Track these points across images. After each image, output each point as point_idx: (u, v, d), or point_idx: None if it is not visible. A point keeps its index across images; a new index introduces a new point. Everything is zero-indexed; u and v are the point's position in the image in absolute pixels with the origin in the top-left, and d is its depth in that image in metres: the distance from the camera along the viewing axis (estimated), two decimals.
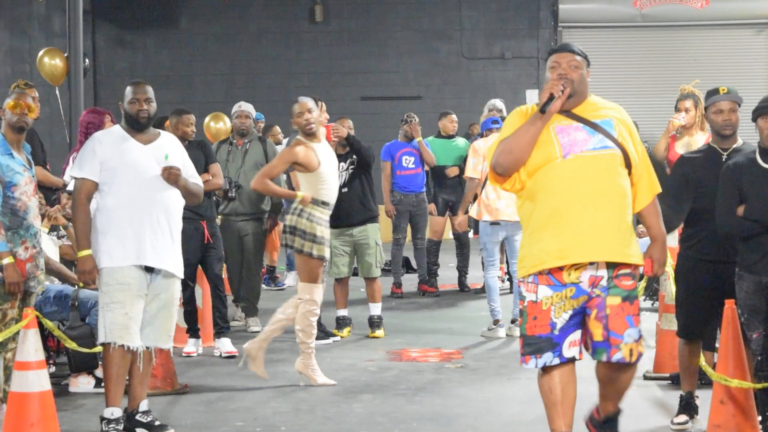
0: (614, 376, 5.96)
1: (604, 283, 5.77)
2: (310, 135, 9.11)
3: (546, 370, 5.91)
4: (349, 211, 11.23)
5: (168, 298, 7.58)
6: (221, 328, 10.47)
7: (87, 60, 16.39)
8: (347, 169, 11.33)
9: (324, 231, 9.09)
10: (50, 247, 9.38)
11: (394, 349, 10.72)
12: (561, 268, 5.74)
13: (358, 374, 9.61)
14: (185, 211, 7.86)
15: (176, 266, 7.60)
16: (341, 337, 11.29)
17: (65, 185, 10.24)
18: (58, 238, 9.91)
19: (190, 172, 7.70)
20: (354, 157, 11.33)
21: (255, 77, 23.74)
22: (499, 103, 13.52)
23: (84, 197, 7.46)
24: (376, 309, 11.48)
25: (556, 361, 5.85)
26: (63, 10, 17.19)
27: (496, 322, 11.32)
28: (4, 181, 7.42)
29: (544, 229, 5.76)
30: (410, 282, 14.81)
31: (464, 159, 13.23)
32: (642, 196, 5.96)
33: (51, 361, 8.95)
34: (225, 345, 10.40)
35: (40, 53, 17.14)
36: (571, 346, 5.86)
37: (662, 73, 22.85)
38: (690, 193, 7.26)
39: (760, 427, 6.78)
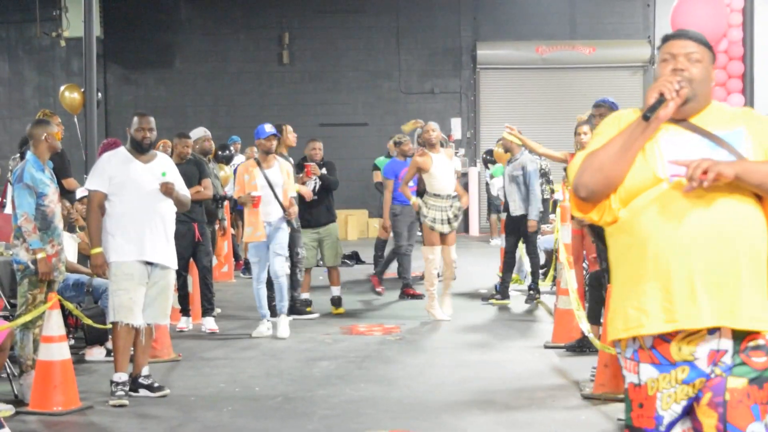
0: None
1: (728, 359, 3.23)
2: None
3: None
4: (317, 215, 11.29)
5: (165, 284, 7.56)
6: (206, 309, 10.38)
7: (100, 94, 16.20)
8: (317, 183, 11.25)
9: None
10: (70, 244, 9.31)
11: (346, 325, 10.69)
12: (667, 340, 3.25)
13: (317, 345, 9.58)
14: (181, 215, 7.84)
15: (170, 260, 7.57)
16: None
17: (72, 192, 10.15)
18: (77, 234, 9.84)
19: (179, 185, 7.67)
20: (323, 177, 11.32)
21: (234, 108, 23.61)
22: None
23: (96, 205, 7.44)
24: (336, 291, 11.49)
25: None
26: (80, 53, 16.98)
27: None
28: (38, 192, 7.39)
29: (642, 280, 3.26)
30: (360, 272, 14.71)
31: None
32: None
33: (70, 336, 8.88)
34: (209, 323, 10.32)
35: (62, 88, 17.00)
36: None
37: (558, 105, 22.97)
38: None
39: None
